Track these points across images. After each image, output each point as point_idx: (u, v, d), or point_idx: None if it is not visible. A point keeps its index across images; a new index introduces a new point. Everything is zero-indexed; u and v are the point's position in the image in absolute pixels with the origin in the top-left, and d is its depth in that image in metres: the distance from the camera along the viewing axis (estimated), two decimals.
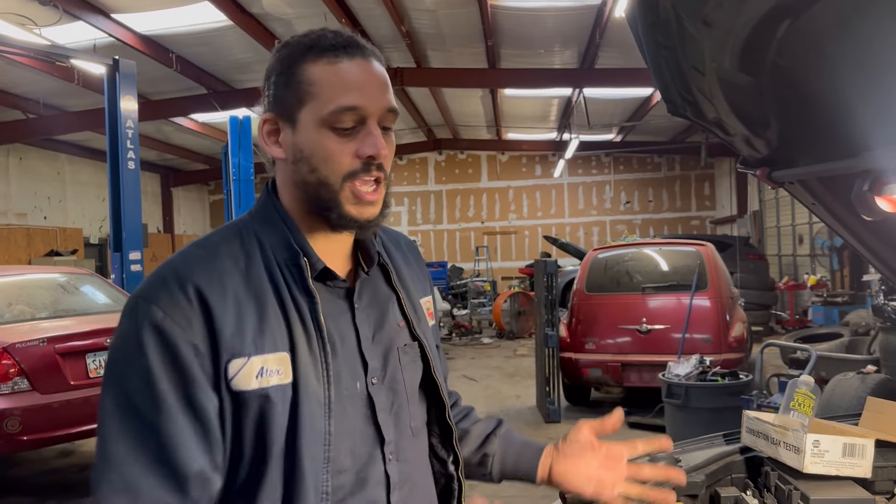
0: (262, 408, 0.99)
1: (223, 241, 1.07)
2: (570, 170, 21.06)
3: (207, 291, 0.99)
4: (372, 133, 1.04)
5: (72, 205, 17.26)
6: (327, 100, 1.03)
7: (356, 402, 1.08)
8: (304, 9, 9.95)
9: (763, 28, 1.32)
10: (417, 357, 1.19)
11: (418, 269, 1.31)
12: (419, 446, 1.19)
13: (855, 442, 1.50)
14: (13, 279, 6.31)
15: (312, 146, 1.04)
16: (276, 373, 0.99)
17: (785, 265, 16.05)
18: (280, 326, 1.02)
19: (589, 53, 11.78)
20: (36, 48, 8.30)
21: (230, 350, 0.98)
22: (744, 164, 1.87)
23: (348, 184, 1.04)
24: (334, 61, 1.04)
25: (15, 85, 12.11)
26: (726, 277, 7.44)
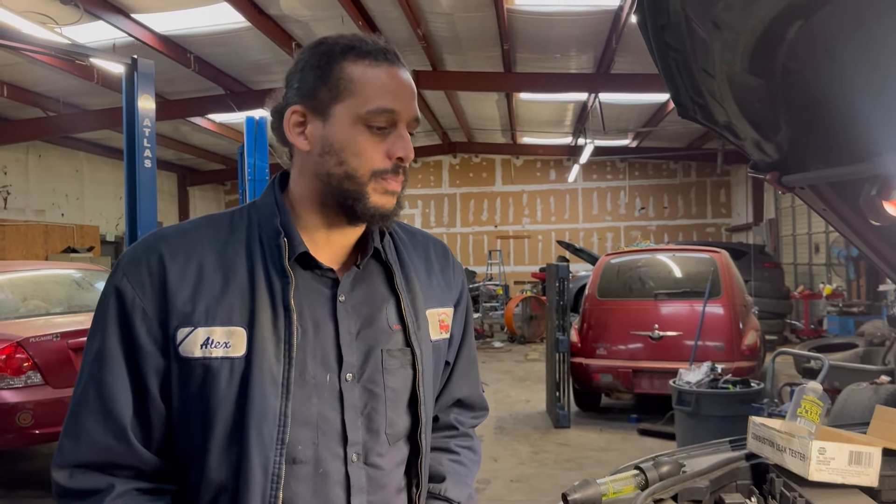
0: (204, 377, 1.03)
1: (214, 218, 1.15)
2: (584, 175, 21.00)
3: (169, 261, 1.05)
4: (403, 136, 1.10)
5: (89, 202, 17.42)
6: (367, 99, 1.07)
7: (323, 394, 1.08)
8: (322, 11, 10.00)
9: (773, 30, 1.31)
10: (408, 364, 1.16)
11: (442, 279, 1.28)
12: (398, 456, 1.16)
13: (861, 450, 1.48)
14: (29, 274, 6.38)
15: (345, 140, 1.08)
16: (224, 345, 1.03)
17: (800, 274, 15.90)
18: (243, 302, 1.05)
19: (605, 58, 11.75)
20: (56, 46, 8.38)
21: (179, 318, 1.04)
22: (754, 168, 1.86)
23: (376, 180, 1.09)
24: (375, 65, 1.09)
25: (35, 83, 12.25)
26: (740, 285, 7.39)
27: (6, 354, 4.83)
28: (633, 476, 1.63)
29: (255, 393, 1.02)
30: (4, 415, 4.78)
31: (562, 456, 6.02)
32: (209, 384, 1.03)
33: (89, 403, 1.03)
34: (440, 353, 1.25)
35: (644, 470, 1.63)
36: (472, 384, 1.38)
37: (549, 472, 5.51)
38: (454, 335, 1.30)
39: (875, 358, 6.76)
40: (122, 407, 1.03)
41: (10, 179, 15.03)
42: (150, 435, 1.05)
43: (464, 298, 1.33)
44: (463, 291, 1.33)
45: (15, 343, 4.87)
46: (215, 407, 1.02)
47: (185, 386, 1.04)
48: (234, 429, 1.02)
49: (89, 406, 1.03)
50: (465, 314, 1.34)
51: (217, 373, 1.02)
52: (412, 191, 22.22)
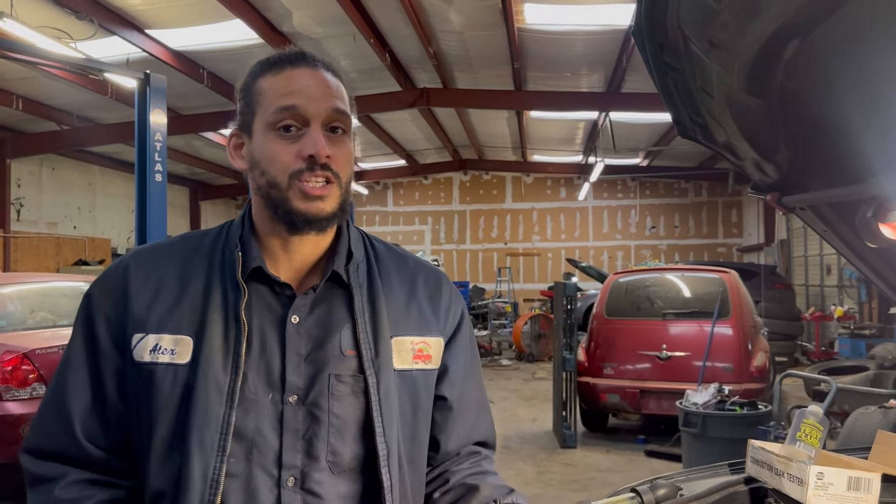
0: (149, 380, 1.07)
1: (190, 235, 1.22)
2: (595, 193, 20.99)
3: (134, 272, 1.13)
4: (312, 134, 1.09)
5: (101, 215, 17.56)
6: (269, 104, 1.11)
7: (262, 411, 1.08)
8: (334, 28, 10.09)
9: (770, 50, 1.30)
10: (360, 392, 1.11)
11: (428, 307, 1.22)
12: (345, 488, 1.10)
13: (861, 476, 1.45)
14: (37, 286, 6.41)
15: (261, 150, 1.12)
16: (170, 352, 1.08)
17: (812, 295, 15.77)
18: (193, 312, 1.09)
19: (616, 77, 11.77)
20: (71, 61, 8.49)
21: (133, 324, 1.10)
22: (755, 188, 1.85)
23: (295, 182, 1.09)
24: (278, 71, 1.13)
25: (50, 97, 12.40)
26: (749, 306, 7.33)
27: (12, 366, 4.84)
28: (630, 499, 1.61)
29: (199, 399, 1.04)
30: (9, 426, 4.78)
31: (567, 477, 5.97)
32: (153, 388, 1.06)
33: (50, 398, 1.12)
34: (416, 384, 1.17)
35: (640, 493, 1.61)
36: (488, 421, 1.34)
37: (555, 493, 5.45)
38: (450, 369, 1.24)
39: (886, 381, 6.69)
40: (74, 405, 1.09)
41: (24, 192, 15.17)
42: (105, 433, 1.10)
43: (462, 331, 1.27)
44: (461, 325, 1.26)
45: (21, 355, 4.89)
46: (158, 411, 1.06)
47: (135, 388, 1.09)
48: (175, 434, 1.05)
49: (49, 401, 1.12)
50: (467, 348, 1.28)
51: (161, 377, 1.06)
52: (422, 207, 22.30)
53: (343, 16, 9.43)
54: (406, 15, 9.60)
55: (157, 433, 1.06)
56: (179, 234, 1.21)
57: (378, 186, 22.45)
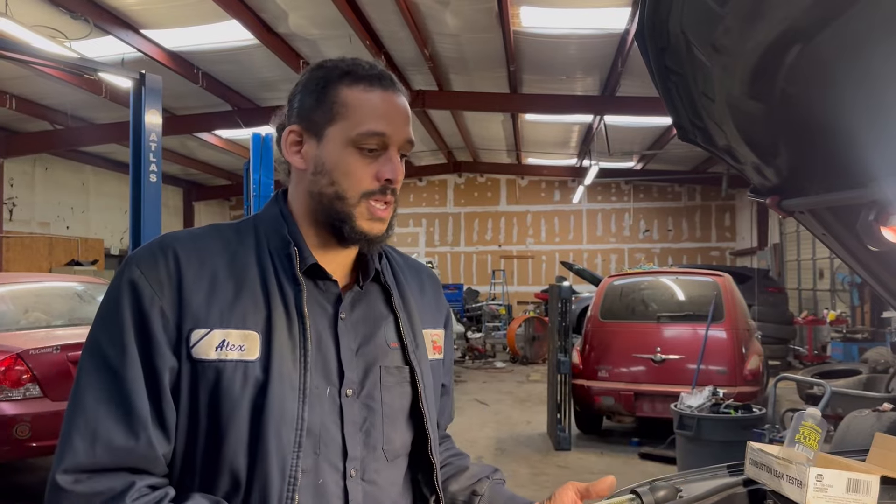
0: (217, 379, 1.02)
1: (221, 227, 1.16)
2: (589, 196, 21.04)
3: (185, 263, 1.06)
4: (392, 160, 1.13)
5: (94, 215, 17.50)
6: (358, 122, 1.11)
7: (324, 406, 1.09)
8: (330, 30, 10.09)
9: (772, 55, 1.31)
10: (406, 382, 1.19)
11: (434, 302, 1.34)
12: (395, 474, 1.17)
13: (860, 478, 1.46)
14: (31, 286, 6.39)
15: (336, 161, 1.12)
16: (239, 348, 1.04)
17: (805, 299, 15.85)
18: (257, 307, 1.07)
19: (611, 81, 11.81)
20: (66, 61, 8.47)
21: (194, 319, 1.03)
22: (754, 192, 1.85)
23: (364, 201, 1.11)
24: (369, 90, 1.13)
25: (44, 96, 12.35)
26: (743, 309, 7.35)
27: (5, 366, 4.82)
28: (629, 500, 1.60)
29: (275, 397, 1.03)
30: (2, 427, 4.76)
31: (562, 479, 5.97)
32: (222, 387, 1.02)
33: (105, 400, 0.99)
34: (436, 373, 1.28)
35: (640, 494, 1.61)
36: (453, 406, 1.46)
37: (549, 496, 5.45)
38: (446, 358, 1.34)
39: (878, 385, 6.72)
40: (142, 405, 0.99)
41: (17, 191, 15.11)
42: (163, 436, 1.02)
43: (450, 322, 1.39)
44: (449, 316, 1.39)
45: (14, 355, 4.87)
46: (229, 411, 1.02)
47: (194, 388, 1.03)
48: (249, 433, 1.02)
49: (106, 403, 0.98)
50: (451, 339, 1.39)
51: (231, 375, 1.02)
52: (417, 209, 22.29)
53: (339, 17, 9.43)
54: (402, 17, 9.61)
55: (229, 434, 1.02)
56: (208, 225, 1.17)
57: None
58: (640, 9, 1.46)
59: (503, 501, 1.30)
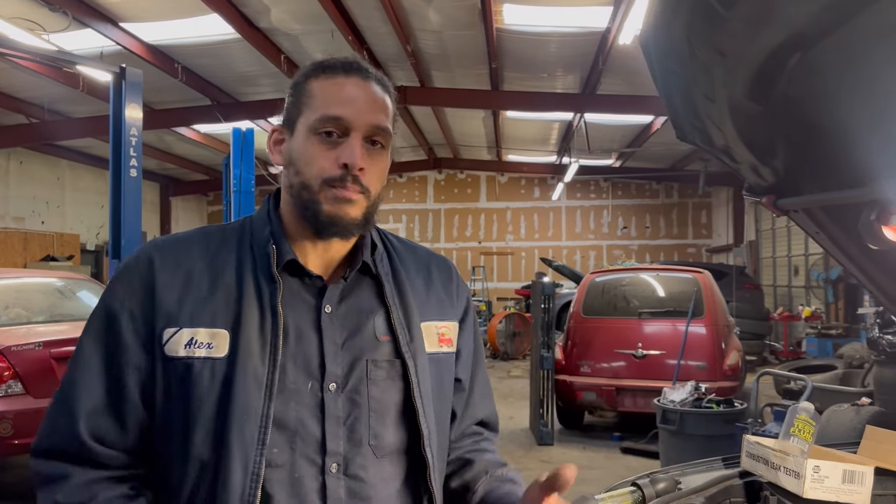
0: (185, 376, 1.06)
1: (208, 230, 1.20)
2: (568, 193, 21.16)
3: (159, 265, 1.11)
4: (351, 144, 1.11)
5: (70, 210, 17.26)
6: (317, 108, 1.12)
7: (303, 400, 1.09)
8: (312, 25, 10.04)
9: (775, 58, 1.35)
10: (397, 376, 1.16)
11: (444, 293, 1.28)
12: (387, 471, 1.14)
13: (855, 469, 1.51)
14: (11, 282, 6.30)
15: (300, 150, 1.14)
16: (207, 346, 1.07)
17: (780, 296, 16.09)
18: (228, 306, 1.09)
19: (591, 79, 11.88)
20: (44, 53, 8.34)
21: (165, 319, 1.08)
22: (749, 191, 1.90)
23: (326, 188, 1.11)
24: (332, 77, 1.15)
25: (20, 89, 12.15)
26: (723, 306, 7.47)
27: None
28: (630, 493, 1.64)
29: (239, 393, 1.04)
30: None
31: None
32: (191, 383, 1.05)
33: (59, 397, 1.09)
34: (442, 367, 1.23)
35: (641, 487, 1.65)
36: (491, 404, 1.39)
37: None
38: (462, 352, 1.29)
39: (854, 380, 6.85)
40: (82, 403, 1.07)
41: None
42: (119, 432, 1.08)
43: (469, 316, 1.33)
44: (468, 309, 1.33)
45: None
46: (196, 405, 1.05)
47: (168, 385, 1.07)
48: (214, 428, 1.04)
49: (57, 399, 1.09)
50: (473, 332, 1.34)
51: (199, 372, 1.05)
52: (397, 205, 22.27)
53: (321, 12, 9.39)
54: (384, 13, 9.59)
55: (196, 428, 1.05)
56: (196, 228, 1.20)
57: None
58: (646, 11, 1.48)
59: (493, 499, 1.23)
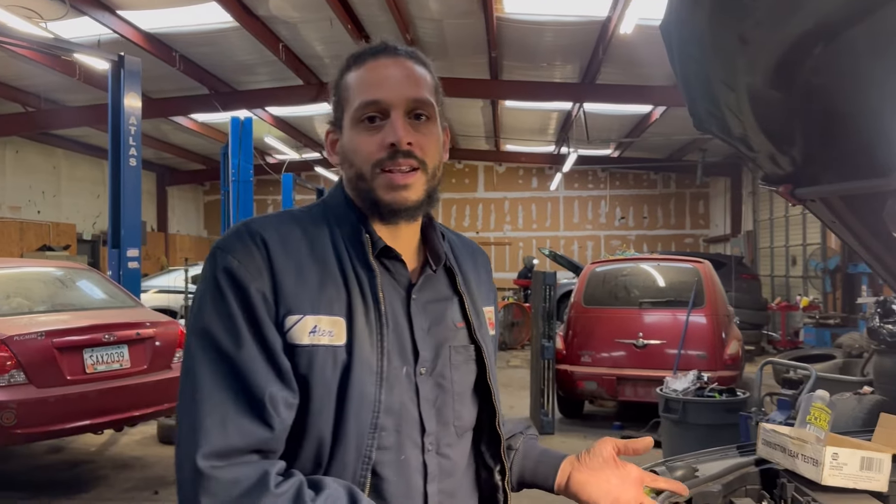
0: (309, 363, 1.05)
1: (296, 213, 1.17)
2: (566, 183, 21.16)
3: (273, 249, 1.07)
4: (394, 123, 1.10)
5: (66, 200, 17.20)
6: (355, 98, 1.13)
7: (402, 385, 1.12)
8: (311, 13, 10.00)
9: (800, 47, 1.34)
10: (472, 360, 1.22)
11: (486, 280, 1.36)
12: (463, 447, 1.21)
13: (873, 456, 1.52)
14: (11, 272, 6.27)
15: (349, 143, 1.14)
16: (329, 334, 1.06)
17: (777, 286, 16.14)
18: (339, 293, 1.09)
19: (591, 69, 11.86)
20: (41, 41, 8.29)
21: (287, 305, 1.05)
22: (766, 180, 1.90)
23: (378, 172, 1.11)
24: (361, 65, 1.15)
25: (16, 78, 12.09)
26: (723, 295, 7.48)
27: None
28: None
29: (355, 380, 1.05)
30: None
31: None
32: (315, 371, 1.05)
33: (229, 388, 1.00)
34: (493, 348, 1.31)
35: (659, 474, 1.65)
36: None
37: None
38: (496, 333, 1.37)
39: (853, 369, 6.89)
40: (264, 387, 1.00)
41: None
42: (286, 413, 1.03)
43: (496, 297, 1.42)
44: (495, 291, 1.42)
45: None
46: (321, 393, 1.05)
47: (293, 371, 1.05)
48: (334, 414, 1.06)
49: (231, 391, 1.00)
50: (497, 314, 1.42)
51: (323, 360, 1.05)
52: None
53: (320, 0, 9.35)
54: (383, 1, 9.55)
55: (322, 413, 1.04)
56: (283, 212, 1.17)
57: None
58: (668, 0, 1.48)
59: (537, 455, 1.33)
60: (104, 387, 5.17)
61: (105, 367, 5.24)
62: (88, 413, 5.11)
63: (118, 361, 5.33)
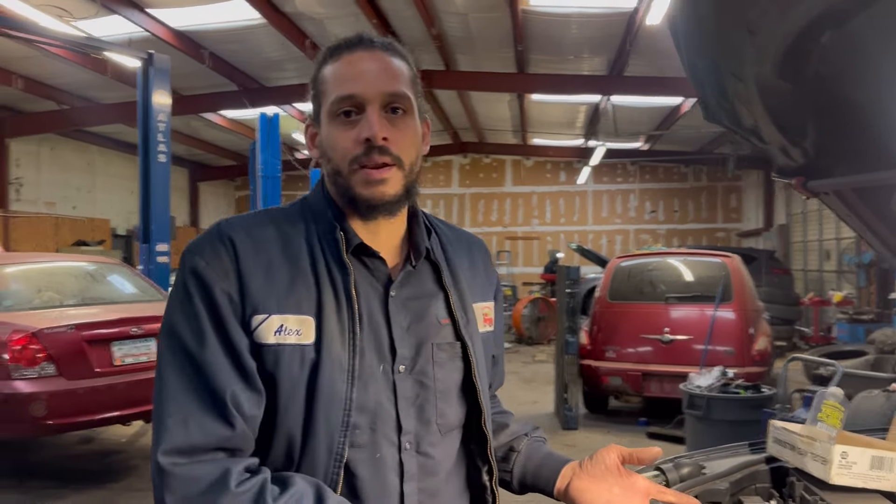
0: (276, 362, 1.05)
1: (273, 212, 1.17)
2: (595, 177, 20.98)
3: (241, 250, 1.08)
4: (369, 118, 1.09)
5: (101, 196, 17.51)
6: (329, 93, 1.12)
7: (378, 383, 1.11)
8: (336, 9, 10.03)
9: (807, 35, 1.31)
10: (457, 357, 1.19)
11: (484, 274, 1.33)
12: (448, 446, 1.19)
13: (884, 455, 1.48)
14: (43, 266, 6.42)
15: (326, 138, 1.14)
16: (296, 332, 1.06)
17: (811, 280, 15.85)
18: (309, 292, 1.08)
19: (619, 61, 11.74)
20: (73, 40, 8.44)
21: (253, 305, 1.05)
22: (779, 172, 1.86)
23: (356, 168, 1.10)
24: (336, 58, 1.14)
25: (50, 76, 12.33)
26: (752, 290, 7.37)
27: (21, 345, 4.86)
28: (654, 477, 1.63)
29: (325, 379, 1.05)
30: (18, 405, 4.81)
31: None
32: (281, 370, 1.05)
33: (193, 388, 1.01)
34: (487, 346, 1.28)
35: (664, 471, 1.63)
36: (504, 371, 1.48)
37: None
38: (496, 329, 1.34)
39: (885, 366, 6.73)
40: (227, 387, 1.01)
41: (23, 171, 15.12)
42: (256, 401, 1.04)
43: (500, 293, 1.38)
44: (499, 287, 1.38)
45: (29, 334, 4.90)
46: (289, 392, 1.05)
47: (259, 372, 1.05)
48: (303, 413, 1.05)
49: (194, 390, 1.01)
50: (501, 309, 1.38)
51: (289, 359, 1.05)
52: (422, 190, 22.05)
53: None
54: None
55: (290, 411, 1.05)
56: (260, 211, 1.17)
57: None
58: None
59: (540, 458, 1.31)
60: (132, 379, 5.26)
61: (133, 359, 5.34)
62: (117, 404, 5.21)
63: (146, 354, 5.42)
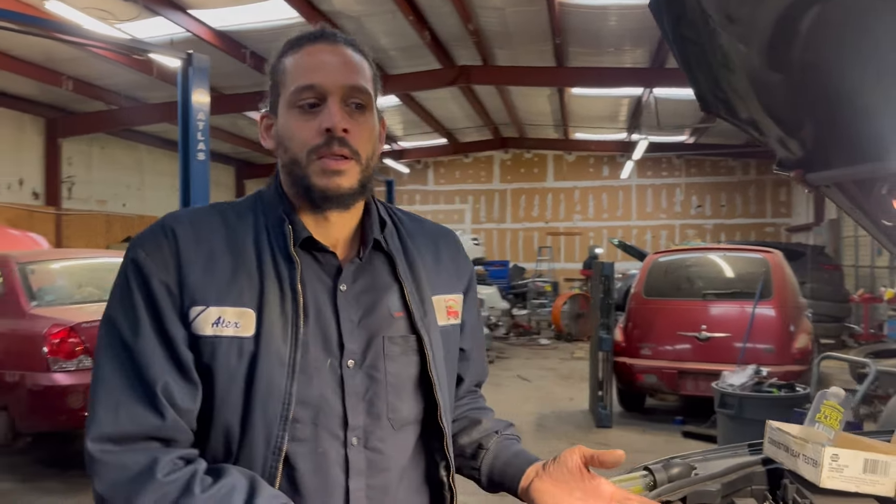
0: (212, 354, 1.05)
1: (222, 206, 1.18)
2: (638, 171, 20.67)
3: (182, 241, 1.08)
4: (330, 109, 1.09)
5: (149, 193, 17.96)
6: (290, 83, 1.12)
7: (324, 377, 1.10)
8: (373, 6, 10.09)
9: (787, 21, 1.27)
10: (412, 351, 1.18)
11: (451, 267, 1.30)
12: (402, 442, 1.18)
13: (878, 458, 1.42)
14: (85, 262, 6.61)
15: (283, 128, 1.13)
16: (234, 325, 1.06)
17: (861, 276, 15.34)
18: (252, 284, 1.08)
19: (661, 52, 11.54)
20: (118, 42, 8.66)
21: (192, 296, 1.06)
22: (780, 165, 1.81)
23: (314, 158, 1.10)
24: (298, 49, 1.14)
25: (98, 77, 12.67)
26: (793, 287, 7.17)
27: (60, 338, 5.03)
28: (642, 477, 1.60)
29: (262, 372, 1.05)
30: (57, 396, 4.98)
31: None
32: (218, 362, 1.05)
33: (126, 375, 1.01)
34: (450, 339, 1.26)
35: (653, 471, 1.60)
36: (485, 364, 1.46)
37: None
38: (467, 323, 1.32)
39: None
40: (160, 378, 1.01)
41: (75, 170, 15.58)
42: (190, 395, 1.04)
43: (472, 287, 1.36)
44: (472, 281, 1.36)
45: (69, 327, 5.07)
46: (226, 385, 1.05)
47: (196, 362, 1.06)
48: (241, 405, 1.05)
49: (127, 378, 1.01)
50: (474, 303, 1.36)
51: (226, 351, 1.05)
52: (463, 186, 22.27)
53: None
54: None
55: (227, 403, 1.05)
56: (210, 204, 1.18)
57: (419, 165, 22.47)
58: None
59: (508, 456, 1.28)
60: None
61: None
62: None
63: None
